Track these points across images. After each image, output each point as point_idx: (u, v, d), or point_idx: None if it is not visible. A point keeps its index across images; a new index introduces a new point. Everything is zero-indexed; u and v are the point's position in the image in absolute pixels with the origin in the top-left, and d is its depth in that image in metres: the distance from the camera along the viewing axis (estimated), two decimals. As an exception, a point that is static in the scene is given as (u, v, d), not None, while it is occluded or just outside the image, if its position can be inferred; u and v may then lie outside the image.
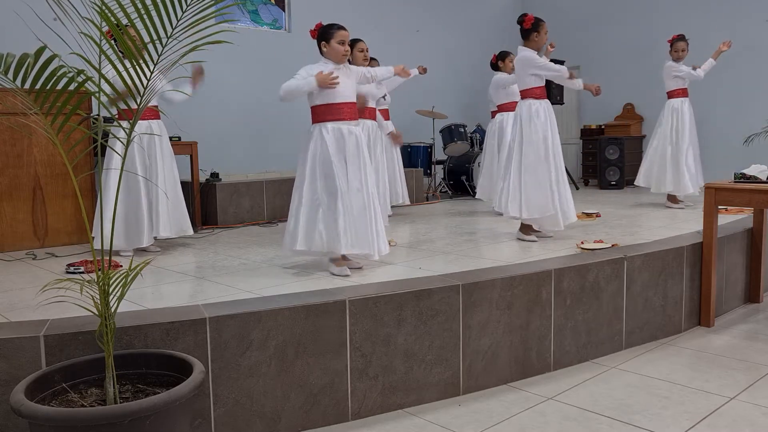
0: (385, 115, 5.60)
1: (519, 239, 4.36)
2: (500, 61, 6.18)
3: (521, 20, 4.33)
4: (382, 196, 4.99)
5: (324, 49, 3.51)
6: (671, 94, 6.04)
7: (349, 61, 4.92)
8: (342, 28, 3.52)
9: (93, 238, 3.99)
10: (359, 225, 3.39)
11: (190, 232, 4.36)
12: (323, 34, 3.52)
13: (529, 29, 4.29)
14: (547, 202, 4.20)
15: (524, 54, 4.31)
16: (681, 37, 5.97)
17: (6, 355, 2.20)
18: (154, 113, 4.27)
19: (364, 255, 3.45)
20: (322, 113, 3.43)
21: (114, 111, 2.84)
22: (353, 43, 4.92)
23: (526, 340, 3.14)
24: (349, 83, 3.52)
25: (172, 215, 4.24)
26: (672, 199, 6.04)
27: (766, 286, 4.55)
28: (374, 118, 5.14)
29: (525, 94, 4.37)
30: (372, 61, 5.53)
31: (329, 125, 3.42)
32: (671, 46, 6.01)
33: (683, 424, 2.57)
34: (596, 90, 4.58)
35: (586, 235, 4.44)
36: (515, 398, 2.90)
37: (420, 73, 5.69)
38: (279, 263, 3.78)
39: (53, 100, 2.02)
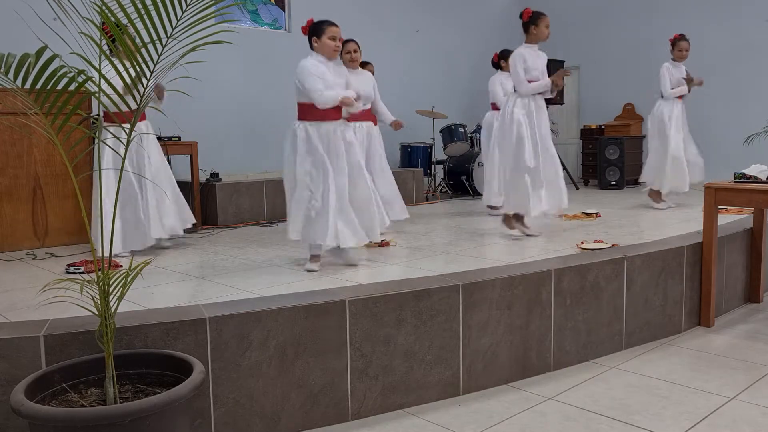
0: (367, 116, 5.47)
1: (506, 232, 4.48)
2: (502, 60, 6.19)
3: (521, 14, 4.40)
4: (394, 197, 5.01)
5: (315, 45, 3.54)
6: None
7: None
8: (333, 24, 3.54)
9: (97, 244, 4.03)
10: (344, 219, 3.47)
11: (177, 232, 4.36)
12: (314, 29, 3.55)
13: (528, 22, 4.38)
14: (524, 200, 4.32)
15: (513, 55, 4.40)
16: (683, 37, 5.89)
17: (6, 355, 2.19)
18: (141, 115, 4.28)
19: (354, 244, 3.54)
20: (308, 111, 3.46)
21: (122, 107, 2.84)
22: (343, 43, 4.92)
23: (526, 340, 3.14)
24: (338, 83, 3.53)
25: (167, 215, 4.24)
26: (654, 196, 5.96)
27: (766, 286, 4.55)
28: (370, 119, 5.08)
29: (515, 88, 4.47)
30: (367, 65, 5.52)
31: (313, 124, 3.46)
32: (673, 45, 5.90)
33: (683, 424, 2.57)
34: (561, 76, 4.48)
35: (586, 235, 4.45)
36: (515, 398, 2.90)
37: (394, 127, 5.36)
38: (279, 263, 3.78)
39: (53, 100, 2.02)
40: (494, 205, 5.68)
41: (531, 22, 4.36)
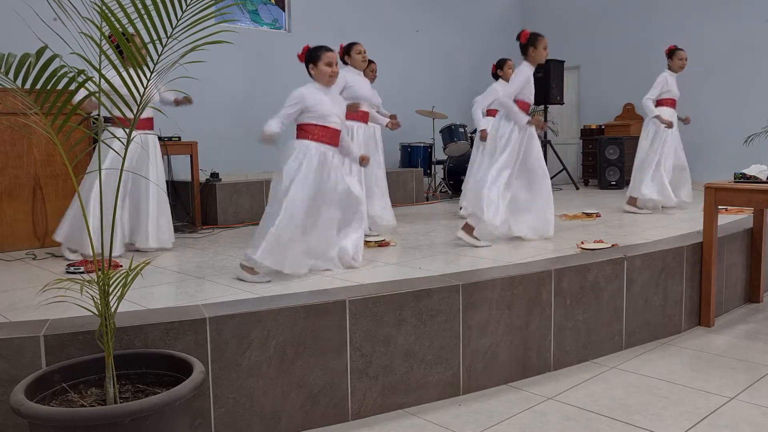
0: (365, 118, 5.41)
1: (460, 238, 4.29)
2: (499, 69, 6.16)
3: (518, 36, 4.31)
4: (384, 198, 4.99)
5: (312, 72, 3.50)
6: (661, 103, 5.73)
7: (345, 62, 4.93)
8: (329, 49, 3.49)
9: (86, 245, 4.00)
10: (317, 244, 3.44)
11: (170, 245, 4.36)
12: (310, 56, 3.49)
13: (526, 44, 4.25)
14: (487, 204, 4.18)
15: (521, 71, 4.31)
16: (677, 47, 5.72)
17: (6, 355, 2.20)
18: (148, 124, 4.28)
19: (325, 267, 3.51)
20: (309, 131, 3.42)
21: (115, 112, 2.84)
22: (349, 46, 4.92)
23: (526, 340, 3.14)
24: (336, 110, 3.51)
25: (157, 227, 4.24)
26: (632, 201, 5.81)
27: (766, 286, 4.55)
28: (366, 121, 5.04)
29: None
30: (370, 63, 5.52)
31: (314, 145, 3.41)
32: (671, 55, 5.69)
33: (683, 424, 2.58)
34: (540, 125, 4.43)
35: (586, 235, 4.45)
36: (515, 398, 2.90)
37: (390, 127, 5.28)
38: (279, 263, 3.77)
39: (53, 100, 2.02)
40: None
41: (529, 43, 4.23)
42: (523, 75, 4.28)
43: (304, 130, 3.45)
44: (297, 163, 3.37)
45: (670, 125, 5.66)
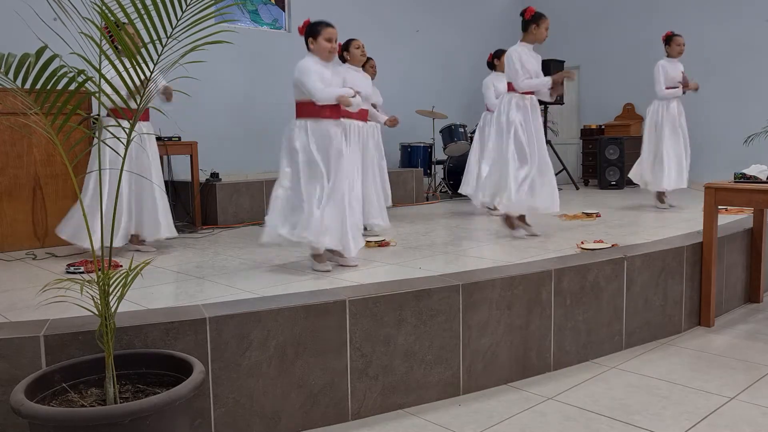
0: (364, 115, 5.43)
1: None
2: (496, 59, 6.21)
3: (523, 11, 4.38)
4: (381, 195, 4.99)
5: (311, 46, 3.52)
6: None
7: (345, 59, 4.94)
8: (330, 25, 3.52)
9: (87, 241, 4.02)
10: (336, 220, 3.44)
11: (177, 233, 4.38)
12: (311, 30, 3.53)
13: (529, 21, 4.36)
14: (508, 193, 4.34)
15: (510, 52, 4.42)
16: (674, 33, 5.80)
17: (6, 355, 2.19)
18: (144, 115, 4.28)
19: (339, 251, 3.52)
20: (307, 109, 3.45)
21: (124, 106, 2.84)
22: (347, 43, 4.92)
23: (526, 340, 3.14)
24: (336, 82, 3.53)
25: (166, 217, 4.25)
26: (660, 197, 5.95)
27: (766, 286, 4.55)
28: (365, 119, 5.05)
29: (509, 87, 4.49)
30: (369, 60, 5.53)
31: (313, 122, 3.43)
32: (668, 42, 5.77)
33: (683, 424, 2.57)
34: (563, 78, 4.52)
35: (586, 235, 4.45)
36: (515, 398, 2.90)
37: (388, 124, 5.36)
38: (279, 263, 3.77)
39: (53, 100, 2.02)
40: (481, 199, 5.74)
41: (533, 21, 4.34)
42: (515, 55, 4.35)
43: (302, 108, 3.47)
44: (297, 142, 3.42)
45: (696, 87, 5.81)
